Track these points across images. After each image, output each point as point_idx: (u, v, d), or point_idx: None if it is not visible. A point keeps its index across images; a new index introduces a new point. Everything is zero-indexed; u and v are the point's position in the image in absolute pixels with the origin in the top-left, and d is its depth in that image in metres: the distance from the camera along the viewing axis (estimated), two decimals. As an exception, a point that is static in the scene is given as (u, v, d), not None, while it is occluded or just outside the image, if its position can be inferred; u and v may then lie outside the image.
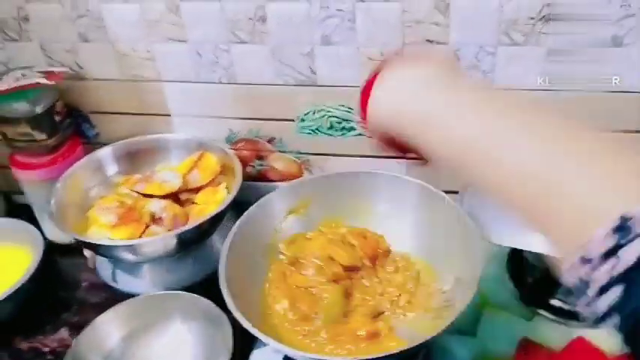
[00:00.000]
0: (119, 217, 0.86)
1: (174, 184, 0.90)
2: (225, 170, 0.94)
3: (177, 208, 0.88)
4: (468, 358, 0.70)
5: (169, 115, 0.99)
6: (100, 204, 0.90)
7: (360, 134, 0.92)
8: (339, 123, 0.92)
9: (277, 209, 0.80)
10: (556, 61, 0.78)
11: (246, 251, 0.74)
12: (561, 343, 0.71)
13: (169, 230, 0.83)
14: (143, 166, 0.98)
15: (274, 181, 1.01)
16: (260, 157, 1.00)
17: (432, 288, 0.74)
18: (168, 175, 0.93)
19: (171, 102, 0.97)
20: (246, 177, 0.98)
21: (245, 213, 0.77)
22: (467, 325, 0.74)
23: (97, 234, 0.85)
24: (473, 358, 0.70)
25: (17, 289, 0.81)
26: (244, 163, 1.00)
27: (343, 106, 0.90)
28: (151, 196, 0.90)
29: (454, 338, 0.72)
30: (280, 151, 0.98)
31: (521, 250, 0.78)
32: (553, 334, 0.72)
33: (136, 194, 0.91)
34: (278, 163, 0.99)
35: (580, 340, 0.71)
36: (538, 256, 0.74)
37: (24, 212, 1.00)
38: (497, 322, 0.74)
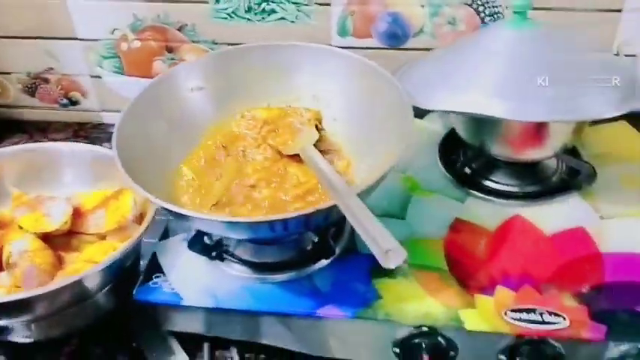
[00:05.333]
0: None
1: (55, 222, 0.66)
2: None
3: (45, 256, 0.63)
4: (397, 239, 0.63)
5: (64, -1, 0.86)
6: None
7: (282, 18, 0.83)
8: (259, 4, 0.83)
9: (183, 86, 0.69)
10: None
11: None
12: (497, 223, 0.65)
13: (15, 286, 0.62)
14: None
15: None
16: (170, 49, 0.89)
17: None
18: (57, 207, 0.68)
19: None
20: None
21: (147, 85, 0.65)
22: (395, 209, 0.67)
23: None
24: (402, 239, 0.63)
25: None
26: (152, 55, 0.89)
27: (262, -17, 0.81)
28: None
29: (381, 221, 0.65)
30: (193, 41, 0.88)
31: (455, 134, 0.72)
32: (488, 213, 0.66)
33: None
34: (190, 55, 0.89)
35: (517, 218, 0.66)
36: (475, 134, 0.68)
37: None
38: (427, 205, 0.68)
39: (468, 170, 0.71)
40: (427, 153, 0.75)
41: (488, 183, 0.70)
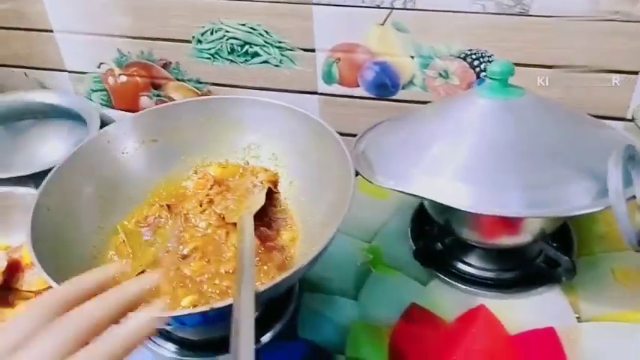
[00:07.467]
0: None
1: None
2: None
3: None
4: (342, 324, 0.57)
5: (52, 31, 0.85)
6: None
7: (266, 62, 0.79)
8: (241, 46, 0.78)
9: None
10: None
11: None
12: (457, 313, 0.58)
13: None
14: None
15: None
16: (156, 86, 0.86)
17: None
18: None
19: (53, 14, 0.83)
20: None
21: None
22: (349, 287, 0.61)
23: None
24: (348, 324, 0.57)
25: None
26: (139, 91, 0.87)
27: (244, 25, 0.76)
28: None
29: (329, 299, 0.60)
30: (178, 79, 0.84)
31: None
32: (450, 301, 0.59)
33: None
34: (176, 93, 0.86)
35: (480, 309, 0.58)
36: (441, 213, 0.61)
37: None
38: (386, 285, 0.61)
39: (439, 246, 0.64)
40: (399, 222, 0.68)
41: (459, 264, 0.63)
